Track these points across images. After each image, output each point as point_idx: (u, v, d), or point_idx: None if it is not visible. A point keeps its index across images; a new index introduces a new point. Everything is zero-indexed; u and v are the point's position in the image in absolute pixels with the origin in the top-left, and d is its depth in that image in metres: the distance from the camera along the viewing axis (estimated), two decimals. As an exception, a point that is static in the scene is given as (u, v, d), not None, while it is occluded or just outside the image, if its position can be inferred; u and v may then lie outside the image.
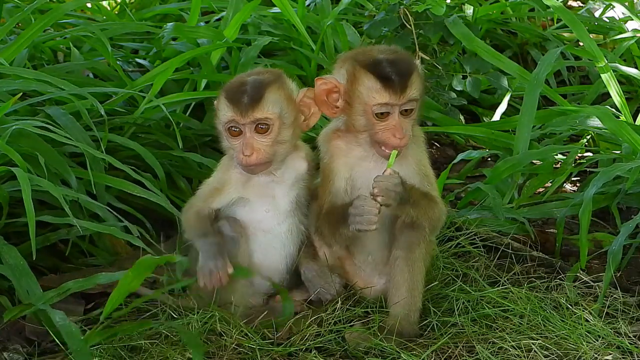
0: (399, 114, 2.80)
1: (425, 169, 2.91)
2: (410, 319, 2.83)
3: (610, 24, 5.12)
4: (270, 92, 2.82)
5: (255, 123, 2.81)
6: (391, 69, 2.78)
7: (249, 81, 2.84)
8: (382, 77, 2.78)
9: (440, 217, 2.88)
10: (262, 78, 2.85)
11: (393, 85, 2.77)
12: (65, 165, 3.16)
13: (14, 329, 2.84)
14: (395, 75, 2.77)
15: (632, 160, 3.50)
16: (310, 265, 2.92)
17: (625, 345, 2.78)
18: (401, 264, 2.83)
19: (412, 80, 2.79)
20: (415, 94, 2.80)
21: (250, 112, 2.80)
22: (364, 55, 2.86)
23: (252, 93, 2.81)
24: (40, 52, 4.30)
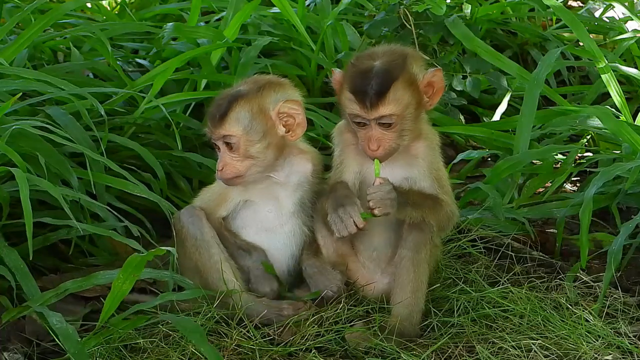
0: (376, 125, 2.79)
1: (437, 171, 2.90)
2: (412, 319, 2.83)
3: (610, 24, 5.12)
4: (234, 109, 2.83)
5: (223, 139, 2.84)
6: (367, 82, 2.76)
7: (226, 95, 2.87)
8: (355, 91, 2.79)
9: (449, 217, 2.88)
10: (237, 92, 2.86)
11: (364, 100, 2.77)
12: (66, 165, 3.16)
13: (14, 329, 2.84)
14: (369, 90, 2.76)
15: (632, 160, 3.50)
16: (312, 261, 2.92)
17: (625, 345, 2.78)
18: (407, 264, 2.83)
19: (387, 97, 2.76)
20: (392, 110, 2.77)
21: (218, 128, 2.84)
22: (357, 61, 2.86)
23: (220, 109, 2.84)
24: (40, 52, 4.30)
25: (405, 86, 2.79)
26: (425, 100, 2.86)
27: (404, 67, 2.80)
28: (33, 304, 2.74)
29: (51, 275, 3.15)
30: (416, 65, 2.84)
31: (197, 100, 4.01)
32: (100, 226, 3.15)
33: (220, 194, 2.95)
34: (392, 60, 2.81)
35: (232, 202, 2.94)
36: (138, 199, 3.34)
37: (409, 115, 2.81)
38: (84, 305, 3.02)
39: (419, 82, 2.83)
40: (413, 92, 2.81)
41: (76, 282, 2.82)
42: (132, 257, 2.66)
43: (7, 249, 2.88)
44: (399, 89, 2.78)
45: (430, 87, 2.86)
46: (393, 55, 2.84)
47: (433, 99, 2.88)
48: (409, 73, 2.81)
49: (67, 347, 2.53)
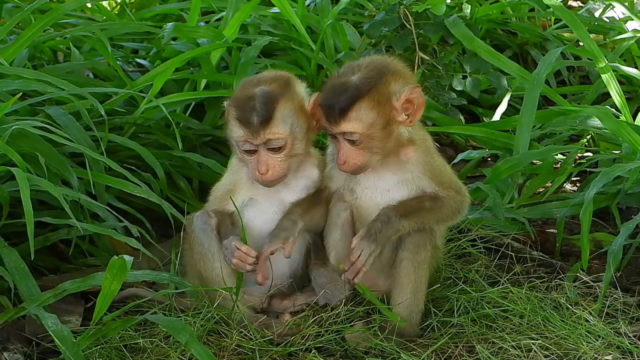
0: (344, 140, 2.79)
1: (433, 170, 2.88)
2: (412, 320, 2.83)
3: (610, 24, 5.11)
4: (279, 109, 2.79)
5: (268, 144, 2.80)
6: (335, 97, 2.76)
7: (257, 95, 2.80)
8: (323, 104, 2.80)
9: (455, 210, 2.89)
10: (271, 90, 2.81)
11: (329, 114, 2.77)
12: (66, 165, 3.16)
13: (13, 329, 2.84)
14: (335, 105, 2.75)
15: (632, 160, 3.50)
16: (321, 271, 2.92)
17: (625, 345, 2.78)
18: (407, 265, 2.83)
19: (349, 115, 2.74)
20: (354, 128, 2.75)
21: (262, 132, 2.78)
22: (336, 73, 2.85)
23: (261, 112, 2.77)
24: (40, 52, 4.30)
25: (373, 105, 2.74)
26: (402, 118, 2.79)
27: (375, 84, 2.75)
28: (30, 304, 2.74)
29: (51, 276, 3.15)
30: (395, 82, 2.78)
31: (197, 100, 4.01)
32: (100, 226, 3.15)
33: (229, 189, 2.94)
34: (365, 76, 2.76)
35: (240, 197, 2.92)
36: (138, 199, 3.34)
37: (377, 133, 2.76)
38: (83, 305, 3.02)
39: (393, 100, 2.77)
40: (381, 111, 2.75)
41: (75, 282, 2.83)
42: (113, 259, 2.68)
43: (7, 249, 2.88)
44: (362, 108, 2.74)
45: (410, 104, 2.79)
46: (370, 70, 2.78)
47: (414, 116, 2.81)
48: (381, 91, 2.75)
49: (63, 349, 2.53)
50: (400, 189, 2.87)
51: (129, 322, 2.72)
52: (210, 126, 3.96)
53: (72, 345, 2.55)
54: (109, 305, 2.72)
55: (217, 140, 3.94)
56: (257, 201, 2.93)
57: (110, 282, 2.68)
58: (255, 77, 2.92)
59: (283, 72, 2.93)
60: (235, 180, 2.94)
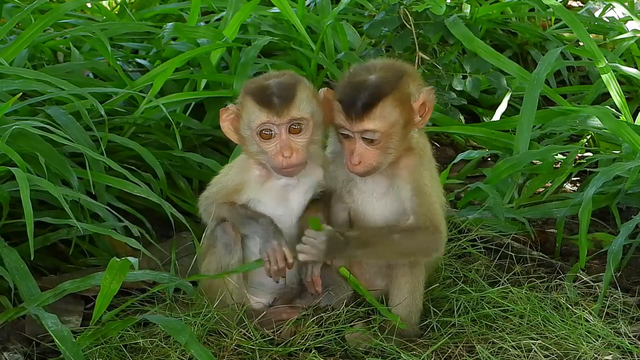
0: (360, 139, 2.77)
1: (419, 183, 2.81)
2: (411, 320, 2.83)
3: (610, 24, 5.12)
4: (300, 91, 2.78)
5: (290, 123, 2.77)
6: (357, 94, 2.74)
7: (274, 84, 2.78)
8: (343, 101, 2.77)
9: (426, 248, 2.79)
10: (286, 79, 2.80)
11: (350, 111, 2.74)
12: (66, 165, 3.16)
13: (13, 329, 2.84)
14: (357, 102, 2.73)
15: (632, 160, 3.50)
16: (327, 272, 2.90)
17: (625, 345, 2.78)
18: (403, 265, 2.82)
19: (374, 112, 2.72)
20: (376, 126, 2.73)
21: (286, 111, 2.75)
22: (353, 71, 2.84)
23: (282, 93, 2.76)
24: (40, 52, 4.30)
25: (396, 104, 2.74)
26: (417, 120, 2.79)
27: (397, 84, 2.75)
28: (30, 304, 2.74)
29: (51, 276, 3.15)
30: (412, 83, 2.78)
31: (197, 100, 4.01)
32: (100, 226, 3.15)
33: (235, 188, 2.91)
34: (387, 75, 2.76)
35: (245, 197, 2.91)
36: (138, 199, 3.34)
37: (396, 133, 2.75)
38: (83, 304, 3.02)
39: (412, 101, 2.77)
40: (403, 111, 2.75)
41: (75, 282, 2.83)
42: (114, 260, 2.68)
43: (7, 249, 2.88)
44: (387, 106, 2.73)
45: (423, 107, 2.79)
46: (390, 71, 2.78)
47: (425, 118, 2.81)
48: (402, 91, 2.75)
49: (62, 349, 2.54)
50: (393, 194, 2.85)
51: (129, 322, 2.72)
52: (210, 126, 3.96)
53: (72, 345, 2.54)
54: (109, 304, 2.72)
55: (217, 140, 3.94)
56: (263, 202, 2.91)
57: (110, 282, 2.68)
58: (263, 75, 2.90)
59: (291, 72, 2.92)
60: (242, 180, 2.90)
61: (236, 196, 2.91)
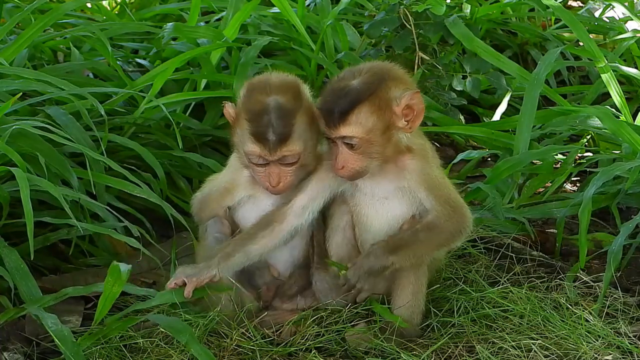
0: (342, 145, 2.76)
1: (431, 179, 2.81)
2: (413, 321, 2.83)
3: (610, 24, 5.12)
4: (298, 122, 2.77)
5: (283, 159, 2.79)
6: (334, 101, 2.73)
7: (272, 108, 2.76)
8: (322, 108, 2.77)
9: (454, 233, 2.81)
10: (286, 103, 2.77)
11: (328, 118, 2.74)
12: (66, 165, 3.16)
13: (14, 329, 2.84)
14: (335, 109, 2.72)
15: (632, 160, 3.50)
16: (322, 276, 2.91)
17: (625, 345, 2.77)
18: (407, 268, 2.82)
19: (349, 118, 2.72)
20: (353, 132, 2.72)
21: (279, 150, 2.76)
22: (337, 77, 2.82)
23: (278, 130, 2.74)
24: (40, 52, 4.30)
25: (373, 110, 2.71)
26: (402, 124, 2.76)
27: (375, 89, 2.72)
28: (30, 306, 2.74)
29: (51, 276, 3.15)
30: (395, 87, 2.74)
31: (197, 100, 4.01)
32: (100, 226, 3.15)
33: (227, 187, 2.94)
34: (367, 81, 2.73)
35: (238, 195, 2.93)
36: (138, 198, 3.34)
37: (376, 138, 2.73)
38: (83, 305, 3.02)
39: (393, 106, 2.74)
40: (381, 116, 2.72)
41: (77, 289, 2.85)
42: (114, 265, 2.70)
43: (7, 249, 2.88)
44: (363, 112, 2.70)
45: (410, 110, 2.75)
46: (372, 75, 2.74)
47: (414, 123, 2.77)
48: (381, 96, 2.72)
49: (63, 349, 2.54)
50: (398, 197, 2.84)
51: (130, 322, 2.72)
52: (210, 126, 3.96)
53: (72, 345, 2.55)
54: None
55: (217, 140, 3.94)
56: (256, 197, 2.93)
57: (112, 285, 2.70)
58: (264, 83, 2.84)
59: (291, 78, 2.88)
60: (234, 180, 2.93)
61: (229, 197, 2.93)
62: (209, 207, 2.95)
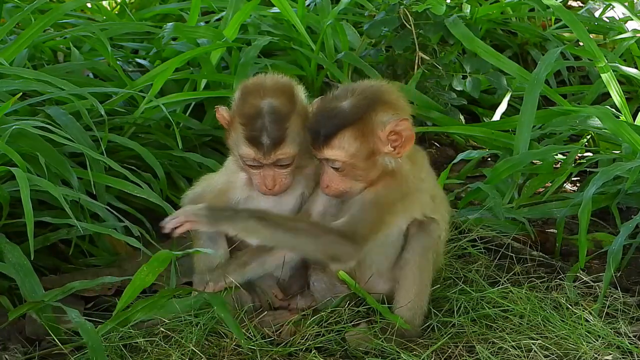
0: (327, 164, 2.75)
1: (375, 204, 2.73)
2: (414, 322, 2.82)
3: (610, 24, 5.12)
4: (291, 126, 2.77)
5: (277, 162, 2.80)
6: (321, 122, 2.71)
7: (266, 112, 2.76)
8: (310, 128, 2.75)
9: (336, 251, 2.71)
10: (280, 107, 2.77)
11: (314, 139, 2.73)
12: (66, 165, 3.16)
13: (14, 328, 2.84)
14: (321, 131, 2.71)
15: (632, 160, 3.50)
16: (320, 276, 2.91)
17: (625, 345, 2.78)
18: (413, 268, 2.81)
19: (333, 142, 2.70)
20: (336, 155, 2.70)
21: (273, 153, 2.77)
22: (327, 97, 2.80)
23: (272, 134, 2.75)
24: (40, 52, 4.30)
25: (357, 135, 2.68)
26: (388, 149, 2.71)
27: (362, 113, 2.68)
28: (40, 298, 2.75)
29: (51, 276, 3.15)
30: (383, 112, 2.70)
31: (197, 100, 4.01)
32: (100, 226, 3.15)
33: (222, 189, 2.94)
34: (355, 104, 2.69)
35: (234, 197, 2.93)
36: (138, 198, 3.34)
37: (359, 163, 2.71)
38: (83, 304, 3.02)
39: (378, 131, 2.70)
40: (365, 141, 2.69)
41: (83, 282, 2.84)
42: (161, 253, 2.72)
43: (10, 246, 2.88)
44: (346, 137, 2.68)
45: (397, 136, 2.71)
46: (362, 98, 2.71)
47: (401, 149, 2.72)
48: (366, 121, 2.69)
49: (86, 340, 2.57)
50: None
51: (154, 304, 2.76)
52: (210, 126, 3.96)
53: (95, 337, 2.59)
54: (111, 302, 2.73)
55: (217, 140, 3.93)
56: (253, 198, 2.93)
57: (146, 274, 2.70)
58: (258, 85, 2.83)
59: (285, 79, 2.87)
60: (230, 182, 2.94)
61: (224, 198, 2.93)
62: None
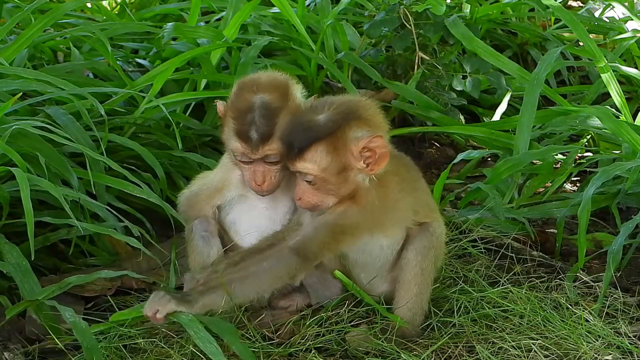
0: (300, 177, 2.74)
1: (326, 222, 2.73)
2: (414, 322, 2.83)
3: (610, 24, 5.12)
4: (280, 124, 2.76)
5: (266, 157, 2.80)
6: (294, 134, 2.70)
7: (257, 106, 2.77)
8: (282, 139, 2.74)
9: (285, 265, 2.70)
10: (271, 102, 2.77)
11: (288, 151, 2.71)
12: (66, 165, 3.16)
13: (14, 328, 2.84)
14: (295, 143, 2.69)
15: (632, 160, 3.50)
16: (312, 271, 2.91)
17: (625, 345, 2.78)
18: (415, 268, 2.81)
19: (305, 155, 2.68)
20: (307, 169, 2.68)
21: (261, 148, 2.77)
22: (306, 108, 2.79)
23: (262, 128, 2.75)
24: (40, 52, 4.30)
25: (329, 149, 2.66)
26: (360, 166, 2.68)
27: (336, 128, 2.66)
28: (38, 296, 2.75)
29: (51, 276, 3.15)
30: (357, 128, 2.67)
31: (197, 100, 4.01)
32: (100, 226, 3.15)
33: (217, 187, 2.95)
34: (330, 119, 2.67)
35: (229, 194, 2.94)
36: (138, 198, 3.34)
37: (331, 177, 2.69)
38: (83, 304, 3.02)
39: (352, 146, 2.67)
40: (337, 156, 2.67)
41: (80, 277, 2.84)
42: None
43: (9, 246, 2.88)
44: (319, 151, 2.66)
45: (371, 153, 2.66)
46: (338, 113, 2.68)
47: (375, 166, 2.68)
48: (339, 137, 2.66)
49: (80, 340, 2.57)
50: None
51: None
52: (210, 126, 3.96)
53: (90, 337, 2.59)
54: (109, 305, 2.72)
55: (217, 140, 3.92)
56: (247, 197, 2.93)
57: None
58: (253, 81, 2.85)
59: (282, 76, 2.88)
60: (225, 179, 2.94)
61: (219, 196, 2.94)
62: (197, 205, 2.97)
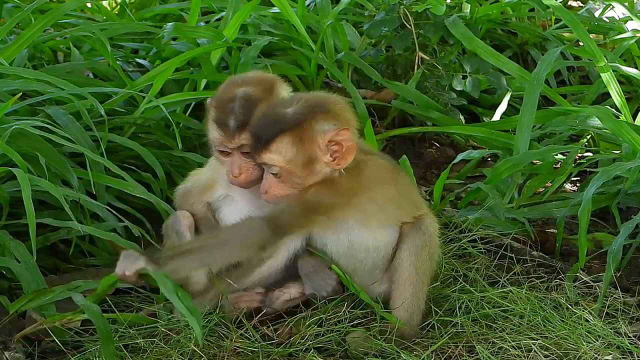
0: (267, 169, 2.76)
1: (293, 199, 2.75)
2: (412, 321, 2.82)
3: (610, 24, 5.12)
4: (257, 114, 2.78)
5: (243, 148, 2.81)
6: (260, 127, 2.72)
7: (238, 97, 2.80)
8: (250, 131, 2.76)
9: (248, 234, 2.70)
10: (252, 94, 2.80)
11: (254, 143, 2.73)
12: (66, 165, 3.16)
13: (14, 328, 2.84)
14: (261, 135, 2.71)
15: (632, 160, 3.50)
16: (307, 260, 2.91)
17: (625, 345, 2.78)
18: (409, 268, 2.81)
19: (270, 147, 2.69)
20: (273, 160, 2.70)
21: (237, 137, 2.79)
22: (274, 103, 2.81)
23: (239, 117, 2.78)
24: (40, 52, 4.30)
25: (294, 141, 2.68)
26: (327, 159, 2.70)
27: (302, 121, 2.68)
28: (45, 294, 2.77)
29: (51, 276, 3.15)
30: (324, 121, 2.69)
31: (197, 100, 4.00)
32: (100, 227, 3.15)
33: (206, 184, 2.97)
34: (297, 111, 2.69)
35: (217, 193, 2.96)
36: (138, 198, 3.34)
37: (296, 170, 2.70)
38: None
39: (318, 139, 2.70)
40: (302, 148, 2.68)
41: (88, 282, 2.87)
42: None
43: (15, 243, 2.90)
44: (284, 142, 2.68)
45: (338, 146, 2.68)
46: (305, 106, 2.71)
47: (342, 160, 2.69)
48: (305, 128, 2.68)
49: (95, 322, 2.59)
50: None
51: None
52: (210, 126, 3.95)
53: (101, 319, 2.60)
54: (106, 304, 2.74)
55: (216, 140, 3.93)
56: (234, 198, 2.94)
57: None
58: (241, 77, 2.91)
59: (269, 75, 2.92)
60: (213, 178, 2.96)
61: (208, 193, 2.96)
62: (189, 200, 2.99)
